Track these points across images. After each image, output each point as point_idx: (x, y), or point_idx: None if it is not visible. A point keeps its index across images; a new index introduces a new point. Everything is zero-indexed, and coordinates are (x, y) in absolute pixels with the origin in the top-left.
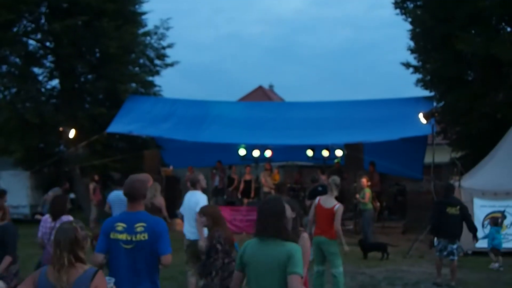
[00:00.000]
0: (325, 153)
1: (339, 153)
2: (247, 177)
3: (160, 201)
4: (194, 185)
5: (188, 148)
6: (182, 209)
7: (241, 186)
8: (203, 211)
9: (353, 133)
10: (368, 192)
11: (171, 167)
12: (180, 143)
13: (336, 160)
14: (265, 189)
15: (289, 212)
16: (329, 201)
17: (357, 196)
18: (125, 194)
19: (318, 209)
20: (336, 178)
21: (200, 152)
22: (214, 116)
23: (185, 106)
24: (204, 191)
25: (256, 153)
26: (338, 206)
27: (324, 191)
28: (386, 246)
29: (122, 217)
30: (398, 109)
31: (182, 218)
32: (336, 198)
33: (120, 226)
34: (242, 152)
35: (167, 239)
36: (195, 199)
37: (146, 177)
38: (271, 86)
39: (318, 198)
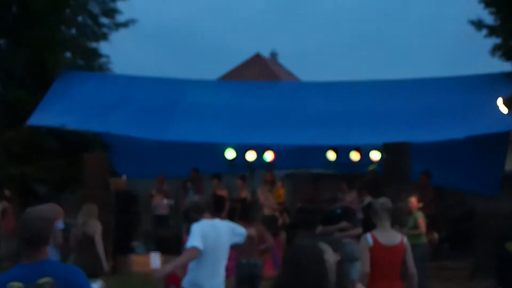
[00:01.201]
0: (354, 156)
1: (374, 156)
2: (243, 194)
3: (94, 228)
4: (202, 212)
5: (150, 151)
6: (201, 238)
7: (231, 205)
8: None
9: (396, 129)
10: (421, 218)
11: (124, 177)
12: (139, 143)
13: (370, 167)
14: (265, 211)
15: (331, 257)
16: (391, 235)
17: (402, 229)
18: (21, 238)
19: (376, 250)
20: (387, 201)
21: (167, 156)
22: (189, 103)
23: (146, 88)
24: (172, 214)
25: (250, 156)
26: (406, 240)
27: (343, 217)
28: None
29: (18, 272)
30: (463, 92)
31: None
32: (366, 228)
33: (16, 286)
34: (229, 155)
35: None
36: (226, 228)
37: (52, 211)
38: (273, 55)
39: (369, 234)
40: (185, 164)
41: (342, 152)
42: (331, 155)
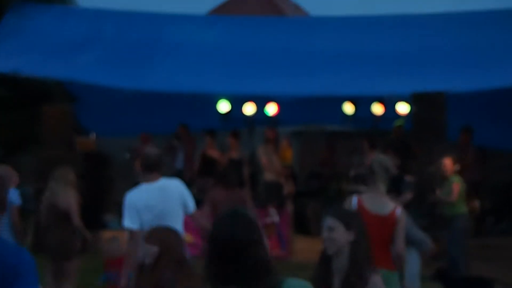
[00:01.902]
0: (377, 109)
1: (402, 109)
2: (233, 154)
3: (68, 200)
4: (153, 169)
5: (125, 103)
6: (136, 215)
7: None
8: (152, 236)
9: (428, 75)
10: (457, 183)
11: (93, 136)
12: (111, 93)
13: (397, 123)
14: (268, 176)
15: (340, 234)
16: (381, 203)
17: (437, 191)
18: None
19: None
20: (384, 159)
21: (147, 109)
22: (173, 43)
23: (119, 25)
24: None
25: (249, 109)
26: (400, 212)
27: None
28: (491, 284)
29: None
30: None
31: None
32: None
33: None
34: (223, 107)
35: (31, 282)
36: (177, 191)
37: (3, 176)
38: None
39: (355, 197)
40: (169, 119)
41: (362, 104)
42: (349, 108)
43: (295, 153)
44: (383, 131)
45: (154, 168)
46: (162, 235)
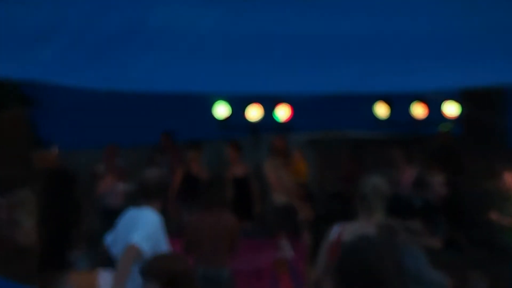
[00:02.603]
0: (418, 110)
1: (450, 111)
2: (238, 170)
3: (29, 231)
4: (149, 196)
5: (97, 108)
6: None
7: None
8: (151, 268)
9: (484, 65)
10: None
11: (55, 149)
12: (78, 95)
13: (443, 128)
14: (277, 197)
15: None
16: (362, 231)
17: (495, 214)
18: None
19: (337, 249)
20: (379, 181)
21: (124, 114)
22: (157, 30)
23: (88, 9)
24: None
25: (253, 113)
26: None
27: (423, 213)
28: None
29: None
30: None
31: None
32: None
33: None
34: (220, 112)
35: None
36: (135, 220)
37: None
38: None
39: (337, 227)
40: (151, 126)
41: (399, 104)
42: (381, 110)
43: (311, 168)
44: (425, 138)
45: (153, 195)
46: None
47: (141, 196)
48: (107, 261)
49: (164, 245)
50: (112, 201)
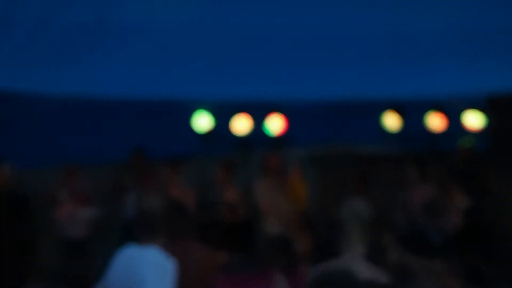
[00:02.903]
0: (434, 121)
1: (472, 122)
2: (230, 195)
3: None
4: (154, 231)
5: (55, 117)
6: None
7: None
8: None
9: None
10: None
11: (6, 168)
12: (32, 102)
13: (464, 143)
14: (271, 225)
15: None
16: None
17: None
18: None
19: None
20: (358, 206)
21: (87, 127)
22: (126, 24)
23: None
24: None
25: (241, 125)
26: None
27: (427, 241)
28: None
29: None
30: None
31: None
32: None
33: None
34: (202, 123)
35: None
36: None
37: None
38: None
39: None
40: (119, 141)
41: (412, 114)
42: (392, 121)
43: (311, 189)
44: (442, 155)
45: (156, 230)
46: None
47: (142, 230)
48: None
49: None
50: (73, 231)
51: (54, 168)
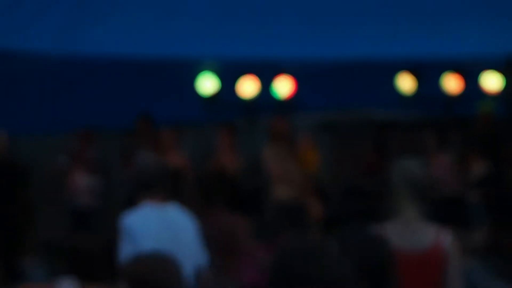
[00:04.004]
0: (451, 84)
1: (490, 84)
2: (228, 159)
3: None
4: (148, 188)
5: (52, 80)
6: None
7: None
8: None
9: None
10: None
11: (2, 136)
12: (27, 64)
13: (483, 107)
14: (281, 192)
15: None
16: (414, 232)
17: None
18: None
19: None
20: (410, 167)
21: (85, 89)
22: None
23: None
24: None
25: (247, 87)
26: (449, 241)
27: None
28: None
29: None
30: None
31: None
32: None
33: None
34: (206, 85)
35: None
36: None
37: None
38: None
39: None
40: (122, 106)
41: (428, 76)
42: (407, 83)
43: (324, 157)
44: (461, 120)
45: (152, 186)
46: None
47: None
48: (69, 269)
49: None
50: (84, 201)
51: (53, 135)
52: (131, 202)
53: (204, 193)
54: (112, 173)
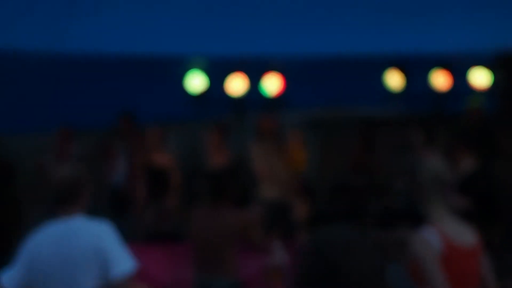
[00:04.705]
0: (439, 79)
1: (478, 80)
2: (218, 158)
3: None
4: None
5: (36, 77)
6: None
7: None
8: None
9: None
10: None
11: None
12: (12, 62)
13: (472, 103)
14: (267, 191)
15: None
16: (464, 230)
17: None
18: None
19: (448, 253)
20: (441, 166)
21: (69, 87)
22: None
23: None
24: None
25: (236, 85)
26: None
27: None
28: None
29: None
30: None
31: None
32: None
33: None
34: (195, 83)
35: None
36: (92, 241)
37: None
38: None
39: (432, 228)
40: (105, 104)
41: (416, 72)
42: (395, 79)
43: (311, 154)
44: (449, 117)
45: (67, 199)
46: None
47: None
48: None
49: None
50: None
51: (40, 133)
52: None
53: (215, 189)
54: (93, 172)
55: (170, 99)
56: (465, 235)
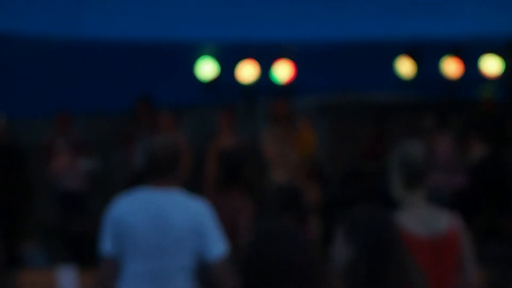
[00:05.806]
0: (451, 67)
1: (491, 68)
2: (226, 140)
3: None
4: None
5: (50, 63)
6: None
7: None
8: None
9: None
10: None
11: (2, 119)
12: (24, 46)
13: (483, 92)
14: (278, 176)
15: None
16: (429, 217)
17: None
18: None
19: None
20: (417, 151)
21: (84, 73)
22: None
23: None
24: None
25: (246, 72)
26: (461, 225)
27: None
28: None
29: None
30: None
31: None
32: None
33: None
34: (206, 70)
35: None
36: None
37: None
38: None
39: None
40: (121, 89)
41: (427, 59)
42: (406, 66)
43: (322, 140)
44: (461, 104)
45: (162, 170)
46: None
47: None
48: (68, 255)
49: None
50: (71, 183)
51: (50, 119)
52: (135, 183)
53: (228, 168)
54: (111, 155)
55: (181, 85)
56: (429, 223)
